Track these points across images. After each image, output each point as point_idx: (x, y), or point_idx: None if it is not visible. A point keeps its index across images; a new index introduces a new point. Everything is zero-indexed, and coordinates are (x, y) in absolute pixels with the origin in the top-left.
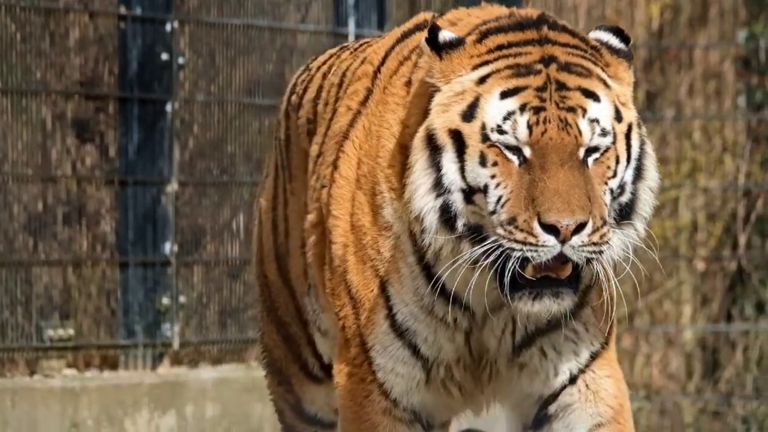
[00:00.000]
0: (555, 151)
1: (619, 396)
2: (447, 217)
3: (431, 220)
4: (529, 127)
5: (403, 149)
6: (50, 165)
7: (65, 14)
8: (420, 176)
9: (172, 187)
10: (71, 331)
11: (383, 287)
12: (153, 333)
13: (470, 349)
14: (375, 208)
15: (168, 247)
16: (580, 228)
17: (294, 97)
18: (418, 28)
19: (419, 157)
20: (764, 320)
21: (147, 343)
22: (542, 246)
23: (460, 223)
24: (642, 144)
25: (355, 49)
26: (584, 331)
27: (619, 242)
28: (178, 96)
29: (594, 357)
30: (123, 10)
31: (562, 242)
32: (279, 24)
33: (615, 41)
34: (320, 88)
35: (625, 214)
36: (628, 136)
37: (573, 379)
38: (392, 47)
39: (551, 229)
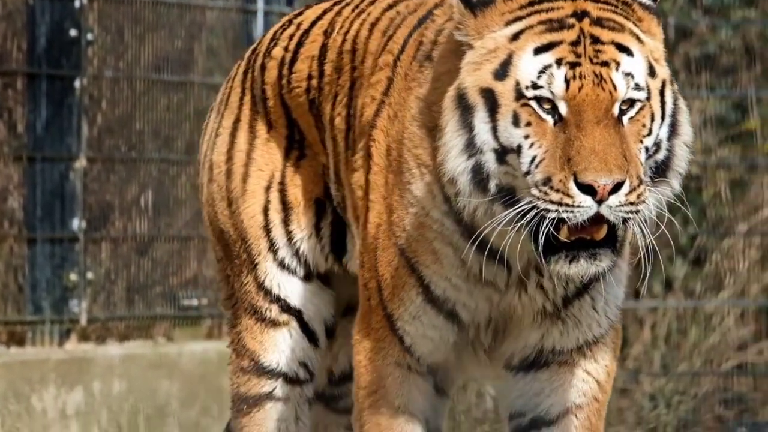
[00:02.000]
0: (591, 108)
1: (611, 366)
2: (479, 178)
3: (464, 181)
4: (567, 81)
5: (429, 113)
6: None
7: None
8: (452, 137)
9: (81, 163)
10: None
11: (413, 266)
12: (60, 309)
13: (500, 308)
14: (403, 187)
15: (76, 224)
16: (617, 187)
17: (278, 51)
18: (431, 13)
19: (450, 118)
20: (672, 297)
21: (54, 319)
22: (578, 206)
23: (492, 184)
24: (676, 100)
25: (357, 6)
26: (614, 287)
27: (654, 200)
28: (87, 72)
29: (613, 319)
30: None
31: (599, 202)
32: (187, 0)
33: None
34: (324, 46)
35: (660, 171)
36: (662, 93)
37: (591, 341)
38: (410, 35)
39: (588, 188)
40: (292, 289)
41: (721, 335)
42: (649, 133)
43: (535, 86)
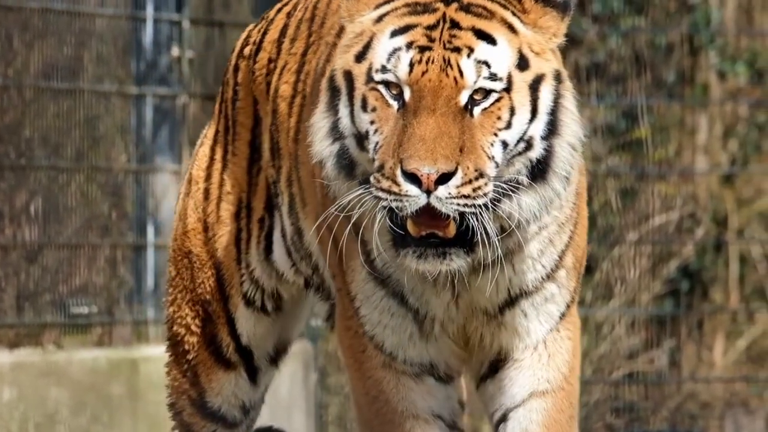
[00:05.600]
0: (431, 95)
1: (572, 359)
2: (344, 163)
3: (330, 166)
4: (411, 65)
5: None
6: None
7: None
8: (319, 119)
9: None
10: None
11: (358, 231)
12: None
13: (458, 306)
14: None
15: None
16: (444, 178)
17: (248, 48)
18: None
19: (322, 100)
20: None
21: None
22: (405, 195)
23: (358, 171)
24: (557, 98)
25: None
26: (558, 293)
27: (533, 201)
28: None
29: (562, 316)
30: None
31: (427, 193)
32: (77, 8)
33: None
34: (285, 26)
35: (539, 171)
36: (534, 87)
37: (541, 341)
38: None
39: (413, 177)
40: (251, 326)
41: (611, 344)
42: (508, 127)
43: (384, 69)
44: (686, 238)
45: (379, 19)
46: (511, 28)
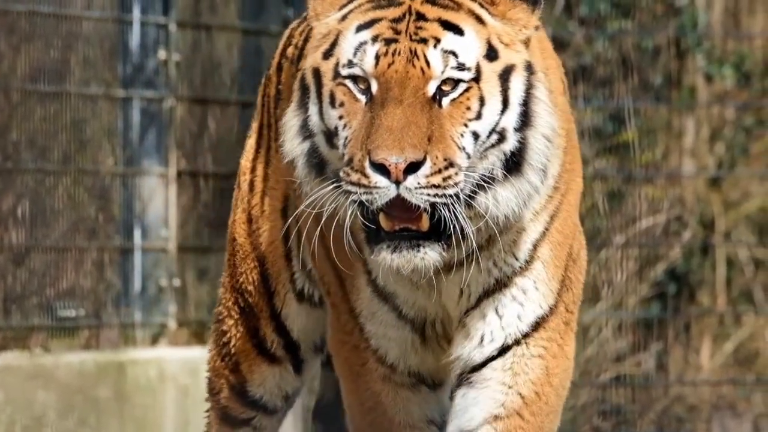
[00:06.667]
0: (398, 86)
1: (539, 382)
2: (314, 161)
3: (301, 164)
4: (377, 57)
5: None
6: None
7: None
8: (290, 118)
9: None
10: None
11: (362, 250)
12: None
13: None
14: None
15: None
16: (413, 168)
17: (291, 50)
18: None
19: (293, 99)
20: None
21: None
22: (375, 187)
23: (328, 170)
24: (529, 88)
25: None
26: (533, 289)
27: (510, 194)
28: None
29: (538, 324)
30: None
31: (396, 183)
32: (63, 10)
33: None
34: None
35: (514, 164)
36: (504, 78)
37: (505, 349)
38: None
39: (381, 168)
40: (301, 321)
41: (598, 347)
42: (478, 117)
43: (350, 64)
44: (673, 241)
45: (344, 17)
46: (479, 20)
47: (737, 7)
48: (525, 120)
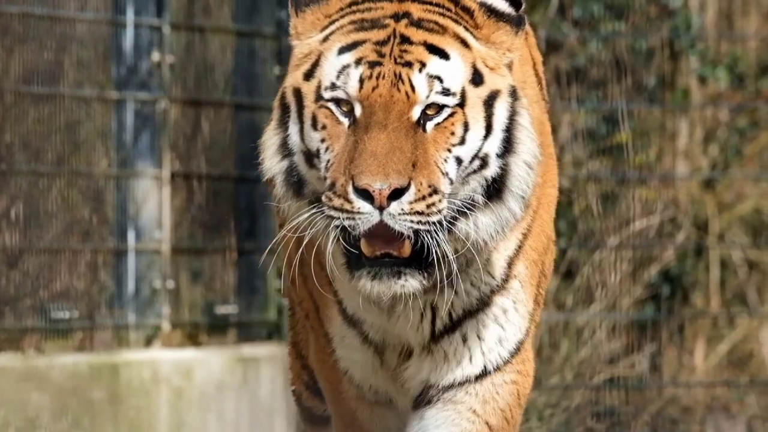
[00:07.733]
0: (383, 110)
1: (509, 409)
2: (292, 181)
3: (279, 182)
4: (361, 81)
5: None
6: None
7: None
8: (270, 136)
9: None
10: None
11: (331, 282)
12: None
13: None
14: None
15: None
16: (397, 194)
17: None
18: None
19: (273, 117)
20: (543, 311)
21: None
22: (358, 213)
23: (307, 190)
24: (513, 115)
25: None
26: (513, 311)
27: (490, 221)
28: None
29: (517, 350)
30: None
31: (380, 209)
32: (57, 12)
33: (501, 4)
34: None
35: (495, 190)
36: (489, 104)
37: (481, 375)
38: None
39: (364, 193)
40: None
41: (592, 348)
42: (462, 143)
43: (333, 87)
44: (667, 243)
45: (326, 38)
46: (464, 43)
47: (731, 9)
48: (507, 146)
